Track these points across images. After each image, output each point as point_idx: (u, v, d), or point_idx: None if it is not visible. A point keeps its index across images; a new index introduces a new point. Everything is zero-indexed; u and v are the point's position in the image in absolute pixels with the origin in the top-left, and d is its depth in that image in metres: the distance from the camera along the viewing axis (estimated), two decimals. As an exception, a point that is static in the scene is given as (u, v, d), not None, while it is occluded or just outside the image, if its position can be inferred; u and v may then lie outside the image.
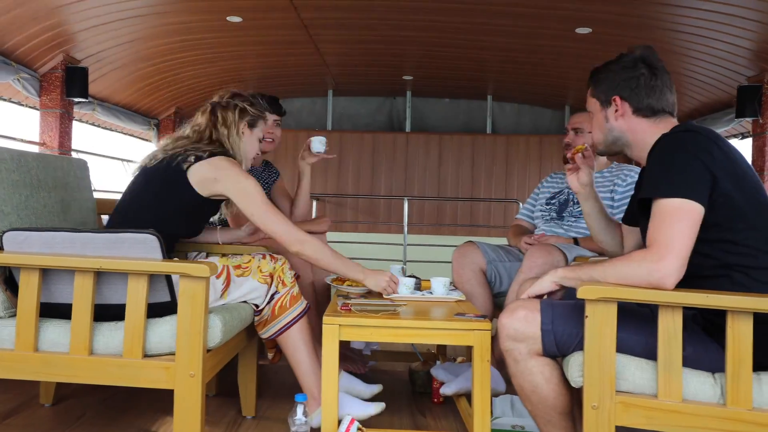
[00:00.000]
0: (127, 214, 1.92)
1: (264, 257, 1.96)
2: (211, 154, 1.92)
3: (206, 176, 1.88)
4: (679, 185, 1.33)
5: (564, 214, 2.58)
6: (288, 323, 1.92)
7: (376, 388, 2.08)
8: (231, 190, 1.89)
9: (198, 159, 1.89)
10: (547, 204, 2.68)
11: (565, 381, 1.45)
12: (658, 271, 1.29)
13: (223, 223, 2.66)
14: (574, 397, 1.48)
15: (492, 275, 2.48)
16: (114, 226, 1.91)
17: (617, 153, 1.66)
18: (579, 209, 2.52)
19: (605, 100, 1.59)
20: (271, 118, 2.77)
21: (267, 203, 1.91)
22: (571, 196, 2.60)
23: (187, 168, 1.87)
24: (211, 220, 2.40)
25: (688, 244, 1.30)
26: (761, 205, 1.38)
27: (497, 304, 2.50)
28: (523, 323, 1.43)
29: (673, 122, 1.57)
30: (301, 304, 1.96)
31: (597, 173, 2.61)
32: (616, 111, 1.57)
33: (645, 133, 1.55)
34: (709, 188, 1.33)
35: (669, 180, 1.35)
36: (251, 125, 2.09)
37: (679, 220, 1.31)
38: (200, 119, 2.06)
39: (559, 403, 1.46)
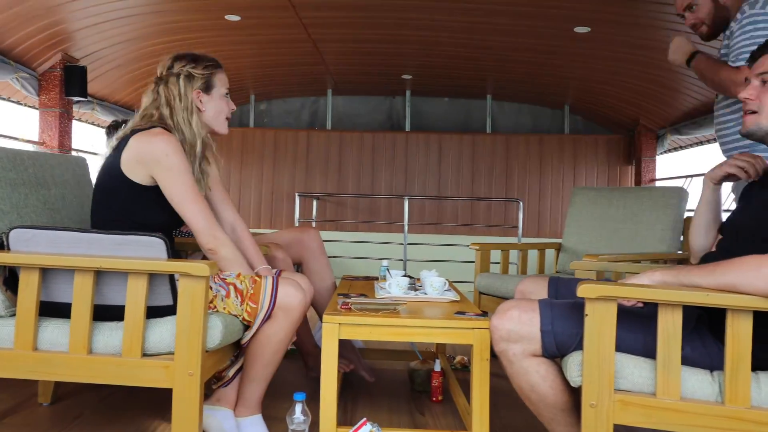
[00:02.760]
0: (92, 213, 1.85)
1: (228, 295, 1.73)
2: (134, 131, 1.74)
3: (131, 160, 1.71)
4: None
5: None
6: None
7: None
8: (154, 169, 1.70)
9: (123, 143, 1.73)
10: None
11: (562, 378, 1.45)
12: None
13: None
14: (576, 394, 1.48)
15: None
16: (91, 225, 1.86)
17: (760, 139, 1.47)
18: None
19: None
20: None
21: (194, 188, 1.73)
22: None
23: (119, 157, 1.72)
24: None
25: None
26: None
27: None
28: (516, 324, 1.43)
29: None
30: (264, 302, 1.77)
31: None
32: None
33: None
34: None
35: None
36: (206, 88, 1.85)
37: None
38: (145, 100, 1.85)
39: (559, 400, 1.46)
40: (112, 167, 1.76)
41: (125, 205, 1.78)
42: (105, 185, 1.81)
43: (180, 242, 2.28)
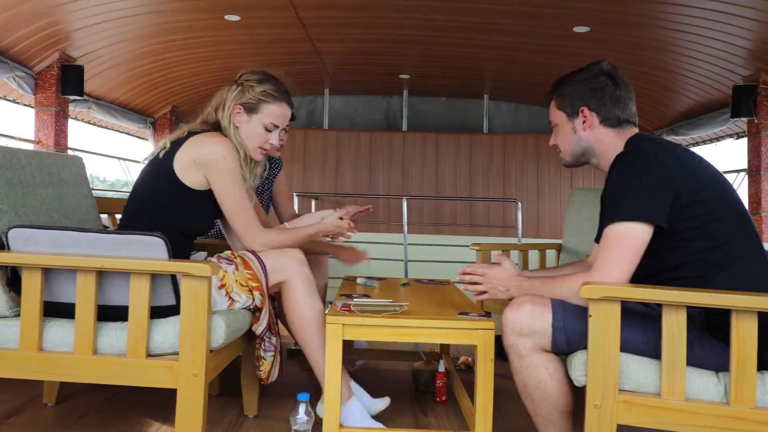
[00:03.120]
0: (128, 212, 1.87)
1: (240, 267, 1.80)
2: (190, 134, 1.77)
3: (184, 161, 1.74)
4: (629, 208, 1.39)
5: None
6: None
7: (382, 404, 2.00)
8: (210, 170, 1.74)
9: (179, 144, 1.75)
10: None
11: (568, 379, 1.46)
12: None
13: None
14: (576, 396, 1.49)
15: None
16: (121, 224, 1.88)
17: (583, 164, 1.69)
18: None
19: (572, 112, 1.61)
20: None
21: (244, 195, 1.79)
22: None
23: (173, 157, 1.75)
24: None
25: (628, 269, 1.37)
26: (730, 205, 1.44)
27: None
28: (529, 318, 1.43)
29: (635, 131, 1.62)
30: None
31: None
32: (584, 122, 1.60)
33: (611, 144, 1.59)
34: (669, 201, 1.38)
35: (621, 204, 1.41)
36: (250, 110, 1.86)
37: (619, 245, 1.38)
38: (213, 100, 1.90)
39: (562, 401, 1.46)
40: (163, 168, 1.77)
41: (170, 207, 1.80)
42: (153, 185, 1.82)
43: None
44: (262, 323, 1.87)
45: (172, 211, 1.81)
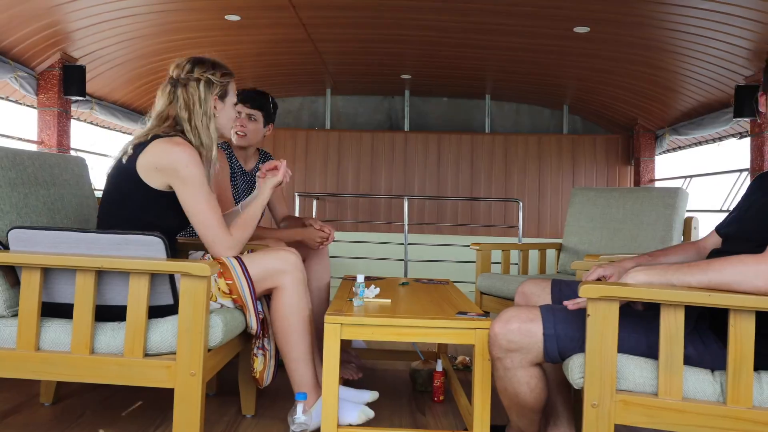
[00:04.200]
0: (102, 215, 1.85)
1: (220, 274, 1.77)
2: (154, 137, 1.74)
3: (148, 166, 1.72)
4: None
5: None
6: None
7: (368, 396, 1.99)
8: (172, 178, 1.71)
9: (141, 147, 1.73)
10: None
11: (544, 386, 1.49)
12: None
13: None
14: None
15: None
16: (98, 227, 1.87)
17: None
18: None
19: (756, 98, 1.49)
20: (240, 108, 2.52)
21: (209, 200, 1.75)
22: None
23: (136, 160, 1.72)
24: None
25: None
26: None
27: None
28: (517, 335, 1.44)
29: None
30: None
31: None
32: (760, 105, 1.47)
33: None
34: None
35: None
36: (222, 96, 1.87)
37: None
38: (160, 101, 1.84)
39: (537, 405, 1.52)
40: (127, 170, 1.75)
41: (140, 207, 1.78)
42: (120, 187, 1.80)
43: (181, 241, 2.28)
44: (252, 325, 1.85)
45: (142, 212, 1.78)
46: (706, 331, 1.39)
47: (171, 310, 1.64)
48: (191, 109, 1.81)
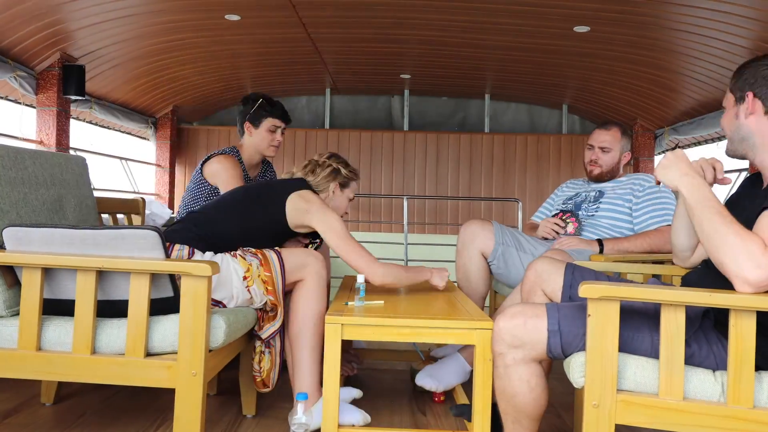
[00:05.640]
0: (209, 214, 2.05)
1: (262, 264, 1.91)
2: (306, 186, 2.13)
3: (299, 206, 2.04)
4: None
5: (579, 211, 2.60)
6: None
7: (356, 393, 2.02)
8: (318, 223, 2.02)
9: (295, 189, 2.08)
10: (563, 204, 2.72)
11: (543, 389, 1.47)
12: (761, 266, 1.22)
13: None
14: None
15: (495, 257, 2.49)
16: (193, 223, 1.99)
17: (741, 157, 1.50)
18: (594, 208, 2.54)
19: (740, 96, 1.47)
20: (278, 123, 2.95)
21: (349, 237, 2.02)
22: (587, 197, 2.62)
23: (287, 195, 2.06)
24: None
25: None
26: None
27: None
28: (521, 330, 1.43)
29: None
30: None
31: (614, 181, 2.63)
32: (747, 108, 1.45)
33: None
34: None
35: None
36: (343, 186, 2.29)
37: None
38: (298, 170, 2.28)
39: (534, 410, 1.49)
40: (277, 195, 2.09)
41: (268, 229, 2.09)
42: (254, 203, 2.09)
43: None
44: (274, 326, 1.92)
45: (255, 231, 2.07)
46: (709, 331, 1.39)
47: (172, 303, 1.63)
48: (318, 182, 2.27)
